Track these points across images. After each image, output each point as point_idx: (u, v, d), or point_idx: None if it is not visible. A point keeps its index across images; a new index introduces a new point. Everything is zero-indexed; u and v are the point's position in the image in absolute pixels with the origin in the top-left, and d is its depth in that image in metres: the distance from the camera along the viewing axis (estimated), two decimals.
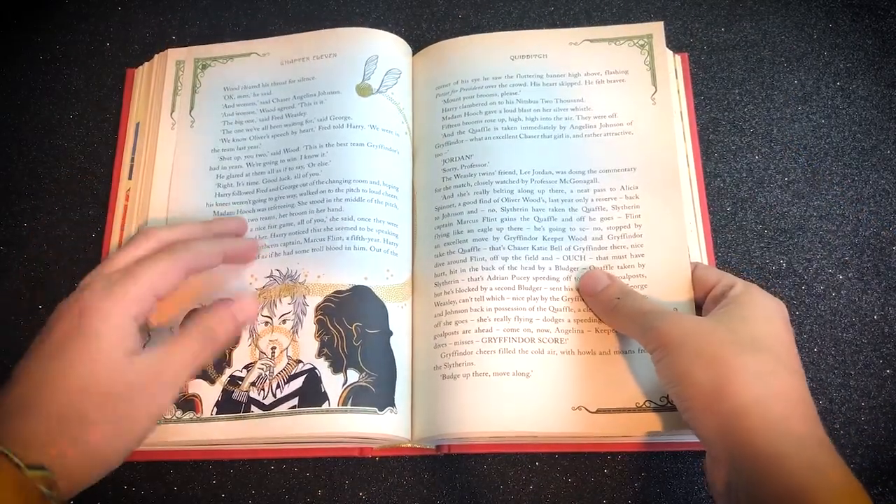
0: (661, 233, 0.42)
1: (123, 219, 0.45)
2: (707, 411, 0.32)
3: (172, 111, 0.46)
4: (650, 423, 0.38)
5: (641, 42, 0.46)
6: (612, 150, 0.44)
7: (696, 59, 0.50)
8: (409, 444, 0.40)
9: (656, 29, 0.46)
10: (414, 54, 0.49)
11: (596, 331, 0.40)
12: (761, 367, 0.32)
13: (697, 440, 0.39)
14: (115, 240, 0.45)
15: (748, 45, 0.51)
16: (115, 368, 0.32)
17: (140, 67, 0.49)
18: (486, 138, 0.45)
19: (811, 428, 0.31)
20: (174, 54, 0.48)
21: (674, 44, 0.50)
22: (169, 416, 0.39)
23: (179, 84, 0.47)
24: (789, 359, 0.34)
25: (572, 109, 0.45)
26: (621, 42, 0.46)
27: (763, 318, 0.35)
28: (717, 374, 0.32)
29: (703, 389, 0.32)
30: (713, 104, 0.49)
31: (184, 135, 0.46)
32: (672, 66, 0.47)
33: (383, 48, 0.47)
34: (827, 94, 0.49)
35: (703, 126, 0.49)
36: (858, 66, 0.50)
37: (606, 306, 0.39)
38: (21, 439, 0.29)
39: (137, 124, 0.47)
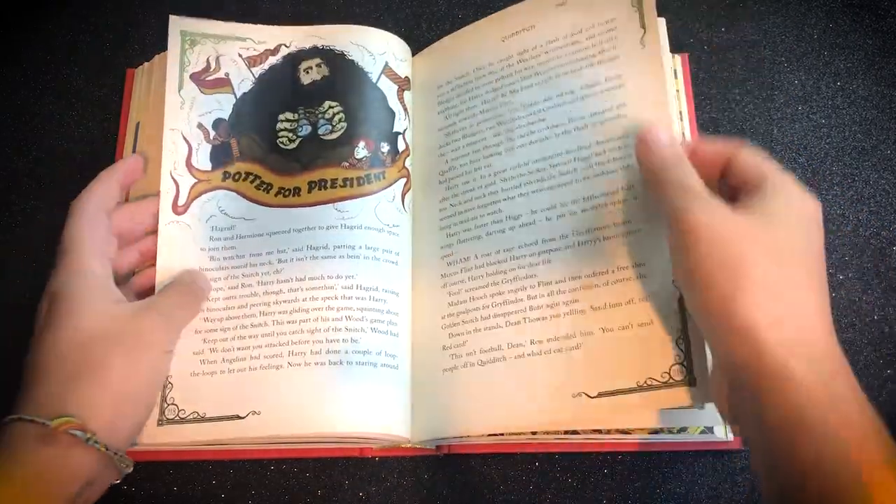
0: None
1: None
2: (717, 317, 0.29)
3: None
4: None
5: None
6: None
7: (696, 59, 0.50)
8: (409, 445, 0.40)
9: None
10: (414, 55, 0.49)
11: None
12: (784, 280, 0.29)
13: (697, 440, 0.39)
14: None
15: (748, 45, 0.51)
16: (102, 314, 0.35)
17: (140, 67, 0.49)
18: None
19: (827, 350, 0.29)
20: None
21: (674, 44, 0.50)
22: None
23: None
24: (817, 271, 0.31)
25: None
26: None
27: (797, 220, 0.31)
28: (735, 280, 0.29)
29: (717, 294, 0.29)
30: (713, 104, 0.49)
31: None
32: (671, 66, 0.47)
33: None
34: (827, 94, 0.49)
35: (703, 126, 0.49)
36: (858, 66, 0.50)
37: (661, 164, 0.35)
38: (36, 402, 0.32)
39: (137, 124, 0.47)
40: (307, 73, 0.46)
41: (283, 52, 0.47)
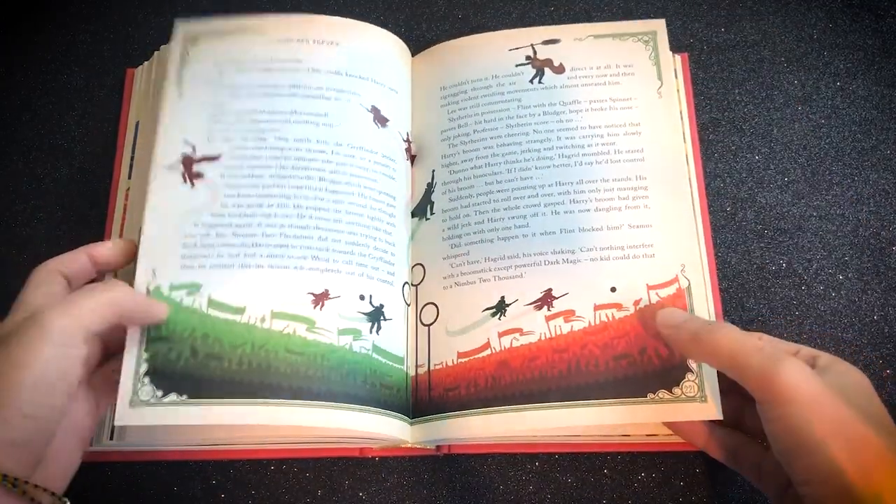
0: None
1: (123, 219, 0.45)
2: (838, 489, 0.30)
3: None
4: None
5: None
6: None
7: (696, 59, 0.50)
8: (409, 445, 0.40)
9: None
10: (414, 55, 0.49)
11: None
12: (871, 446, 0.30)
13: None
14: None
15: (748, 45, 0.51)
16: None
17: (140, 67, 0.49)
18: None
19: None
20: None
21: (674, 44, 0.50)
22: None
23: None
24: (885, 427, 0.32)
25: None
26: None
27: (867, 392, 0.33)
28: (860, 456, 0.30)
29: (838, 467, 0.29)
30: (713, 104, 0.49)
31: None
32: (672, 66, 0.47)
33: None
34: (827, 94, 0.49)
35: (703, 126, 0.49)
36: (858, 66, 0.50)
37: (694, 335, 0.35)
38: None
39: (137, 123, 0.47)
40: None
41: None
